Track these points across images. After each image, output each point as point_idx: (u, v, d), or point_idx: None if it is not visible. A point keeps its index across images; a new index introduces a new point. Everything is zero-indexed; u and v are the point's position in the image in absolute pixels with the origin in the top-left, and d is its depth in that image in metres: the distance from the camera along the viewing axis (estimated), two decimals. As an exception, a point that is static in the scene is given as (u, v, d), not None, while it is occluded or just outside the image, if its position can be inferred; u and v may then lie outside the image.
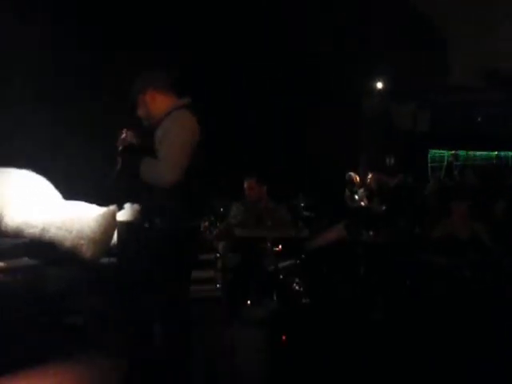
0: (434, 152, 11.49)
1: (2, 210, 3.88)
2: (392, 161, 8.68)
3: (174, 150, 2.08)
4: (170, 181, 2.09)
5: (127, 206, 4.75)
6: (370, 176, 6.24)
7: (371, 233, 4.24)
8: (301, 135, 6.67)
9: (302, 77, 6.56)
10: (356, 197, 6.04)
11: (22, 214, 3.92)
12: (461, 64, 8.66)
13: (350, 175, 6.44)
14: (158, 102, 2.19)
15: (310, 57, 6.54)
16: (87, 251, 4.02)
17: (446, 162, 10.57)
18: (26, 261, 3.51)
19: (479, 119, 11.01)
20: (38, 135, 4.54)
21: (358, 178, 6.40)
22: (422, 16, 7.38)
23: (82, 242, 4.01)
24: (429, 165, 11.33)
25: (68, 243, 3.92)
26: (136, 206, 4.77)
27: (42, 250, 3.74)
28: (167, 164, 2.07)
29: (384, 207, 5.18)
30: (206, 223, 3.95)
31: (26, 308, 3.27)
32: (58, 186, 4.41)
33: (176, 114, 2.14)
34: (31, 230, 3.88)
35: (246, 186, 4.23)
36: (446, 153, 11.28)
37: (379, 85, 9.34)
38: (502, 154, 11.15)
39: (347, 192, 6.26)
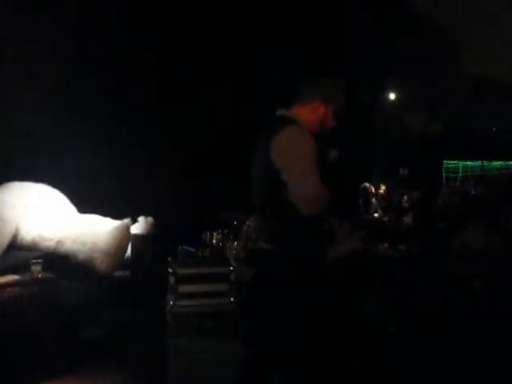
0: (448, 162, 11.40)
1: (17, 224, 3.92)
2: (406, 171, 8.62)
3: None
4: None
5: (141, 219, 4.77)
6: (383, 188, 6.18)
7: (386, 245, 4.19)
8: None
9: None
10: (371, 208, 5.98)
11: (38, 228, 3.96)
12: (473, 74, 8.61)
13: (365, 186, 6.38)
14: None
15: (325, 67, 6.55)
16: (101, 264, 4.04)
17: (459, 174, 10.48)
18: (40, 274, 3.51)
19: (494, 129, 10.91)
20: (52, 149, 4.58)
21: (372, 189, 6.34)
22: (434, 27, 7.37)
23: (97, 254, 4.03)
24: (443, 175, 11.24)
25: (82, 256, 3.95)
26: (150, 219, 4.80)
27: (56, 263, 3.76)
28: None
29: (405, 220, 5.12)
30: (219, 236, 3.94)
31: (41, 321, 3.28)
32: (72, 199, 4.45)
33: None
34: (46, 243, 3.92)
35: None
36: (459, 163, 11.17)
37: (392, 95, 9.32)
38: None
39: (361, 203, 6.21)
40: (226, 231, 3.96)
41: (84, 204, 4.43)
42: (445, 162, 11.41)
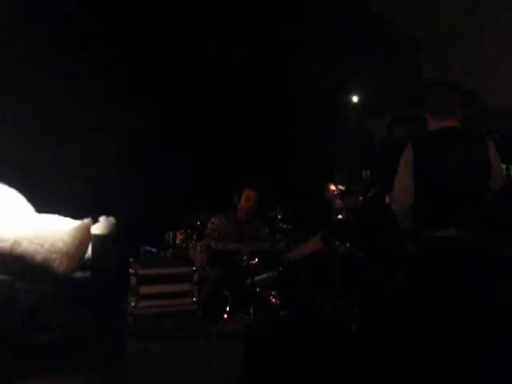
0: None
1: (-29, 224, 3.79)
2: (368, 173, 8.78)
3: None
4: None
5: (102, 218, 4.68)
6: (344, 188, 6.27)
7: (347, 245, 4.25)
8: (278, 147, 6.72)
9: (278, 90, 6.62)
10: (334, 209, 6.06)
11: (-7, 228, 3.83)
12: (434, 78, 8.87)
13: (328, 187, 6.45)
14: None
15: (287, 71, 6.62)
16: (60, 265, 3.94)
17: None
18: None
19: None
20: (10, 147, 4.46)
21: (335, 191, 6.42)
22: (397, 29, 7.56)
23: (55, 255, 3.92)
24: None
25: (40, 257, 3.84)
26: (111, 219, 4.72)
27: (12, 265, 3.65)
28: None
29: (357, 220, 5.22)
30: (182, 236, 3.92)
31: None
32: (30, 199, 4.34)
33: None
34: (2, 244, 3.80)
35: (245, 195, 4.14)
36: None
37: (355, 98, 9.47)
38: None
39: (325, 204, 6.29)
40: (189, 231, 3.94)
41: (43, 203, 4.33)
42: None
